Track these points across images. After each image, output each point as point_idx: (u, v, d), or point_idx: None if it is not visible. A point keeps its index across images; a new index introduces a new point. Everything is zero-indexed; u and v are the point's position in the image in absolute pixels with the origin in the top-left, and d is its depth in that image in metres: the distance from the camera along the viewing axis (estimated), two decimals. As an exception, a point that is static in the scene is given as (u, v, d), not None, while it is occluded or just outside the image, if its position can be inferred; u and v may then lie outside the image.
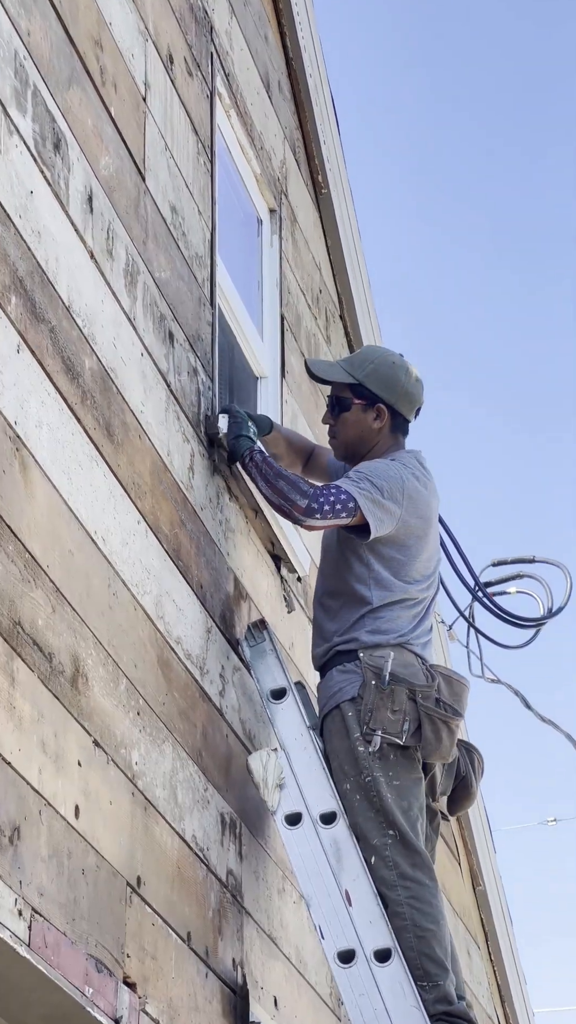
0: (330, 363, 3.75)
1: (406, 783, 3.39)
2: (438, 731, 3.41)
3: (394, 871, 3.33)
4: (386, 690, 3.38)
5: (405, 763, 3.40)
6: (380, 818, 3.35)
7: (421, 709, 3.39)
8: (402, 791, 3.38)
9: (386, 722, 3.37)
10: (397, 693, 3.38)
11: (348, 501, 3.45)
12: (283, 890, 3.77)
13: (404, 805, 3.37)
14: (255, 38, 4.32)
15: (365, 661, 3.43)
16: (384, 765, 3.37)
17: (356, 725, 3.39)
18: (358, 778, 3.38)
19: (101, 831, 2.75)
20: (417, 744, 3.40)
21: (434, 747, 3.41)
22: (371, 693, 3.38)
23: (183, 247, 3.55)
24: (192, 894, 3.16)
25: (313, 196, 4.80)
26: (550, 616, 4.60)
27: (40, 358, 2.73)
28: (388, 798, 3.35)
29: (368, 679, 3.40)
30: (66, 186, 2.91)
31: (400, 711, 3.37)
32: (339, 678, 3.46)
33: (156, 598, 3.14)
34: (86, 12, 3.09)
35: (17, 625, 2.52)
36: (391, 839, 3.34)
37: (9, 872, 2.41)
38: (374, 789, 3.36)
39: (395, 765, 3.38)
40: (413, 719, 3.39)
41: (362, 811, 3.37)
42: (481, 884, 6.04)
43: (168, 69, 3.58)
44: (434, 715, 3.40)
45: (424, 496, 3.58)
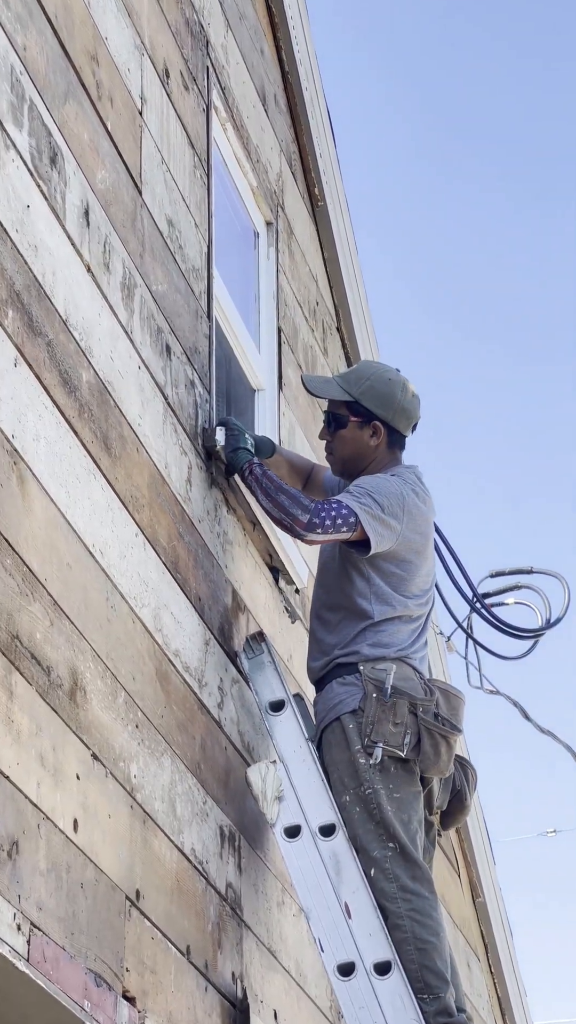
0: (326, 379, 3.76)
1: (406, 796, 3.39)
2: (437, 745, 3.41)
3: (394, 883, 3.32)
4: (388, 703, 3.38)
5: (405, 776, 3.40)
6: (380, 830, 3.35)
7: (421, 723, 3.40)
8: (402, 804, 3.38)
9: (388, 735, 3.37)
10: (399, 706, 3.38)
11: (349, 516, 3.45)
12: (282, 903, 3.76)
13: (404, 818, 3.37)
14: (251, 52, 4.34)
15: (366, 674, 3.43)
16: (385, 777, 3.37)
17: (357, 737, 3.39)
18: (358, 790, 3.37)
19: (100, 845, 2.75)
20: (416, 758, 3.40)
21: (432, 761, 3.41)
22: (372, 705, 3.38)
23: (180, 260, 3.55)
24: (191, 907, 3.16)
25: (309, 208, 4.81)
26: (548, 627, 4.60)
27: (37, 371, 2.73)
28: (388, 810, 3.35)
29: (369, 692, 3.40)
30: (63, 200, 2.91)
31: (401, 724, 3.37)
32: (339, 690, 3.46)
33: (154, 611, 3.14)
34: (82, 27, 3.10)
35: (15, 639, 2.52)
36: (391, 851, 3.34)
37: (8, 886, 2.40)
38: (374, 801, 3.36)
39: (395, 778, 3.38)
40: (413, 732, 3.39)
41: (362, 823, 3.36)
42: (481, 896, 6.03)
43: (164, 83, 3.59)
44: (433, 729, 3.40)
45: (423, 512, 3.59)
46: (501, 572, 4.83)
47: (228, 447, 3.57)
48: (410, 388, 3.68)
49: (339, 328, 5.02)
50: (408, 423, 3.67)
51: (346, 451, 3.65)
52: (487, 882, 6.05)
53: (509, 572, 4.82)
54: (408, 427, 3.68)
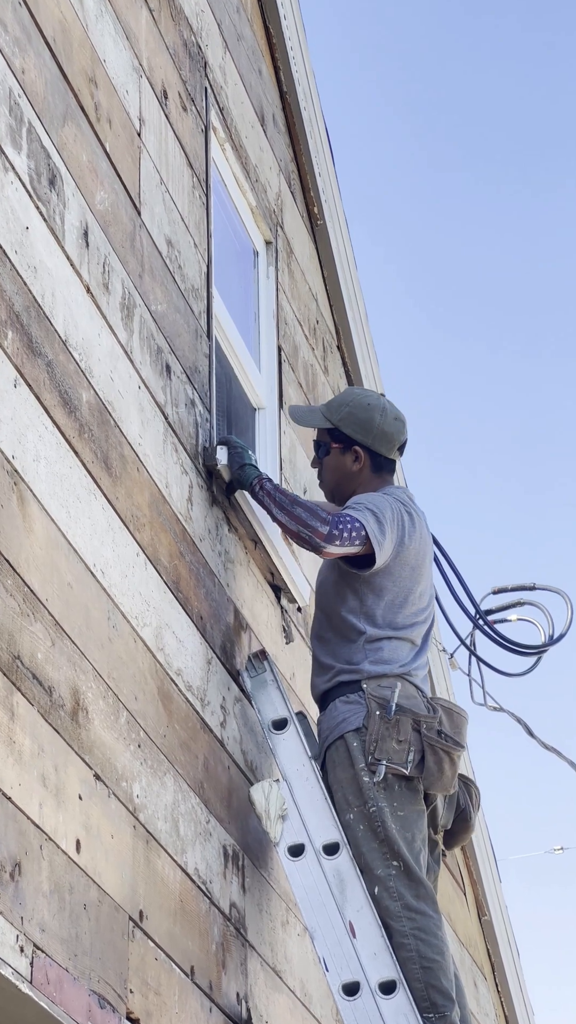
0: (310, 408, 3.81)
1: (410, 814, 3.38)
2: (440, 762, 3.41)
3: (398, 902, 3.32)
4: (391, 720, 3.38)
5: (409, 794, 3.39)
6: (384, 848, 3.34)
7: (425, 740, 3.40)
8: (406, 822, 3.37)
9: (391, 752, 3.36)
10: (402, 723, 3.38)
11: (360, 529, 3.47)
12: (287, 922, 3.75)
13: (408, 836, 3.36)
14: (249, 72, 4.36)
15: (369, 692, 3.43)
16: (389, 795, 3.36)
17: (361, 755, 3.38)
18: (362, 808, 3.37)
19: (103, 865, 2.74)
20: (420, 775, 3.39)
21: (436, 778, 3.41)
22: (376, 723, 3.38)
23: (179, 280, 3.56)
24: (195, 928, 3.15)
25: (309, 227, 4.82)
26: (551, 643, 4.59)
27: (37, 392, 2.74)
28: (392, 828, 3.34)
29: (372, 709, 3.40)
30: (62, 221, 2.92)
31: (405, 741, 3.37)
32: (343, 708, 3.46)
33: (156, 630, 3.14)
34: (80, 49, 3.12)
35: (17, 659, 2.52)
36: (395, 870, 3.33)
37: (10, 908, 2.40)
38: (378, 819, 3.35)
39: (399, 796, 3.38)
40: (417, 750, 3.39)
41: (366, 841, 3.36)
42: (487, 914, 6.01)
43: (162, 104, 3.60)
44: (437, 746, 3.40)
45: (416, 528, 3.60)
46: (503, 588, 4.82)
47: (233, 464, 3.57)
48: (391, 412, 3.70)
49: (339, 346, 5.03)
50: (390, 446, 3.69)
51: (332, 477, 3.70)
52: (493, 900, 6.02)
53: (511, 588, 4.81)
54: (391, 450, 3.70)
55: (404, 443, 3.73)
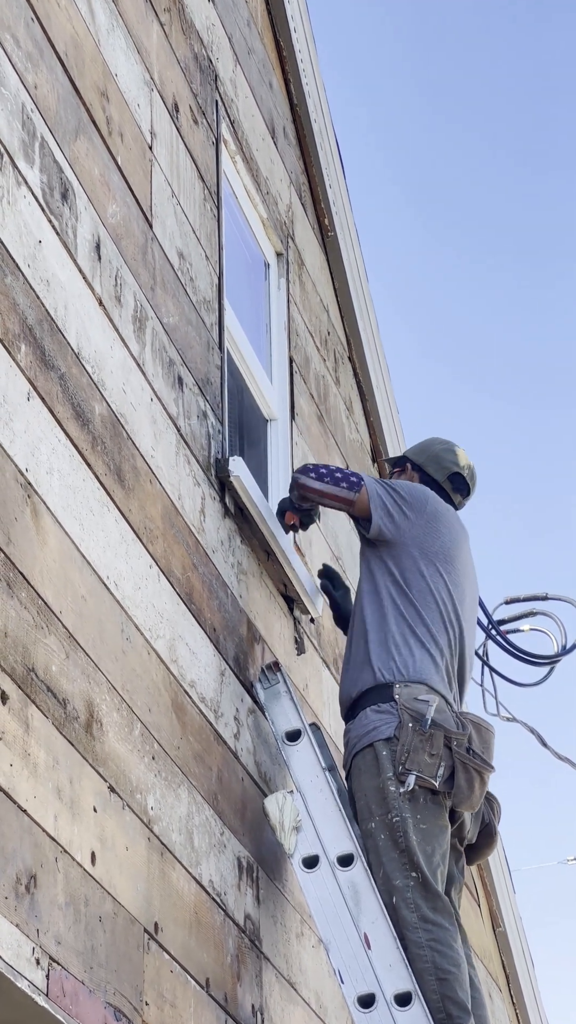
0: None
1: (433, 828, 3.38)
2: (472, 780, 3.41)
3: (415, 913, 3.31)
4: (426, 733, 3.38)
5: (434, 808, 3.39)
6: (404, 859, 3.34)
7: (456, 756, 3.40)
8: (428, 836, 3.37)
9: (423, 765, 3.36)
10: (436, 738, 3.38)
11: (352, 477, 3.60)
12: (301, 934, 3.75)
13: (428, 850, 3.36)
14: (259, 85, 4.37)
15: (403, 702, 3.42)
16: (414, 807, 3.36)
17: (389, 765, 3.38)
18: (384, 817, 3.36)
19: (118, 877, 2.74)
20: (448, 791, 3.39)
21: (465, 795, 3.41)
22: (409, 734, 3.38)
23: (191, 292, 3.57)
24: (210, 940, 3.15)
25: (320, 239, 4.83)
26: (564, 653, 4.58)
27: (50, 405, 2.75)
28: (414, 840, 3.34)
29: (405, 720, 3.40)
30: (74, 235, 2.93)
31: (437, 755, 3.37)
32: (374, 717, 3.45)
33: (169, 642, 3.14)
34: (92, 64, 3.13)
35: (31, 672, 2.53)
36: (413, 881, 3.32)
37: (26, 921, 2.40)
38: (400, 829, 3.34)
39: (424, 809, 3.37)
40: (448, 765, 3.39)
41: (386, 851, 3.35)
42: (501, 926, 5.99)
43: (174, 117, 3.61)
44: (469, 764, 3.40)
45: (449, 522, 3.66)
46: (516, 599, 4.82)
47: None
48: (449, 443, 3.88)
49: (351, 357, 5.04)
50: (439, 467, 3.82)
51: None
52: (507, 911, 6.00)
53: (524, 598, 4.80)
54: (439, 471, 3.82)
55: (461, 479, 3.82)
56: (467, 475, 3.83)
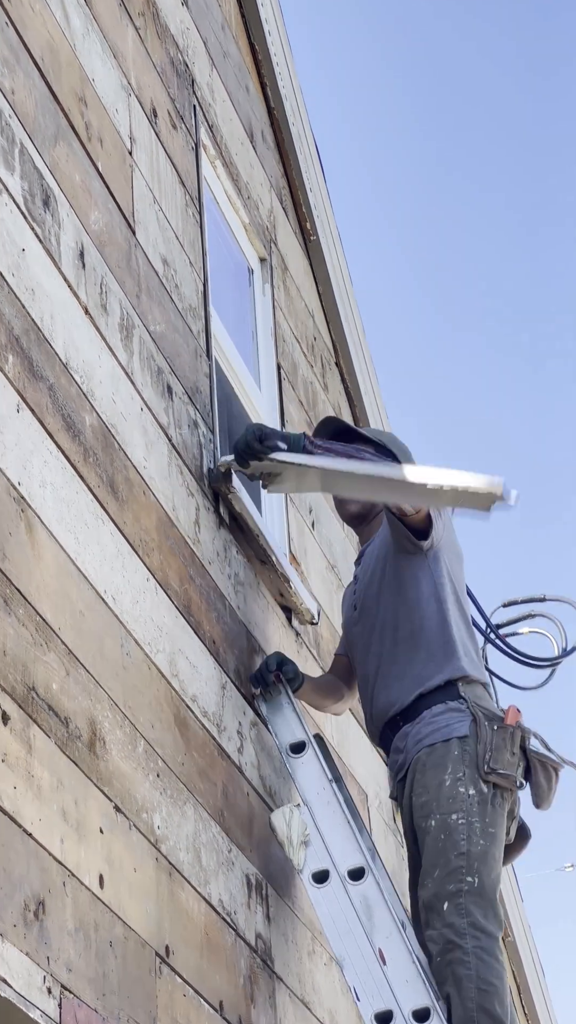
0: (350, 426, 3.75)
1: (499, 833, 3.29)
2: (550, 778, 3.35)
3: (465, 919, 3.19)
4: (506, 731, 3.29)
5: (502, 812, 3.30)
6: (462, 862, 3.22)
7: (532, 755, 3.32)
8: (495, 840, 3.27)
9: (506, 764, 3.27)
10: (515, 736, 3.30)
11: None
12: (313, 952, 3.67)
13: (495, 854, 3.26)
14: (237, 89, 4.31)
15: (472, 700, 3.33)
16: (483, 810, 3.25)
17: (462, 764, 3.27)
18: (447, 817, 3.25)
19: (127, 900, 2.66)
20: (529, 789, 3.32)
21: (545, 795, 3.35)
22: (489, 733, 3.29)
23: (176, 299, 3.51)
24: (222, 961, 3.06)
25: (302, 243, 4.77)
26: (565, 655, 4.53)
27: (40, 416, 2.67)
28: (479, 844, 3.23)
29: (481, 718, 3.31)
30: (57, 242, 2.87)
31: (517, 755, 3.29)
32: (446, 715, 3.33)
33: (169, 656, 3.07)
34: (68, 69, 3.07)
35: (32, 690, 2.45)
36: (467, 886, 3.20)
37: (36, 948, 2.32)
38: (465, 833, 3.23)
39: (493, 813, 3.27)
40: (524, 765, 3.32)
41: (443, 852, 3.23)
42: (511, 935, 5.91)
43: (152, 123, 3.55)
44: (547, 762, 3.33)
45: (451, 521, 3.59)
46: (514, 601, 4.77)
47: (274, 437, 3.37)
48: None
49: (338, 363, 4.98)
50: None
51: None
52: (516, 919, 5.93)
53: (522, 601, 4.75)
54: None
55: None
56: None
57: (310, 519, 4.38)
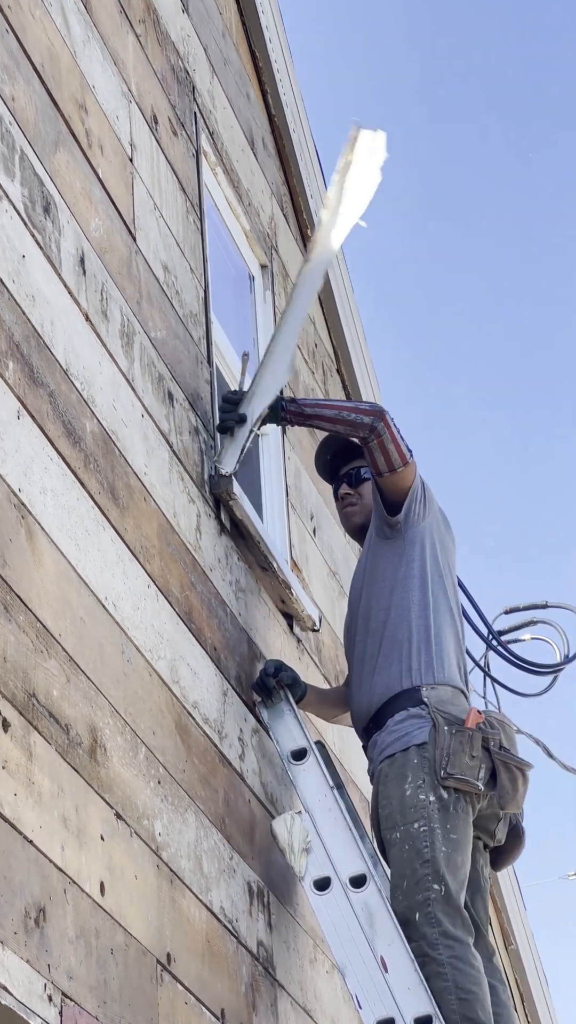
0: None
1: (462, 838, 3.26)
2: (515, 779, 3.29)
3: (436, 928, 3.20)
4: (464, 734, 3.26)
5: (464, 817, 3.27)
6: (427, 870, 3.21)
7: (495, 756, 3.28)
8: (458, 846, 3.25)
9: (465, 768, 3.24)
10: (475, 739, 3.26)
11: (408, 445, 3.45)
12: (315, 959, 3.66)
13: (458, 860, 3.24)
14: (237, 97, 4.32)
15: (433, 705, 3.31)
16: (444, 816, 3.23)
17: (421, 772, 3.25)
18: (409, 827, 3.24)
19: (128, 907, 2.65)
20: (491, 792, 3.28)
21: (511, 796, 3.29)
22: (446, 737, 3.26)
23: (177, 306, 3.51)
24: (223, 969, 3.06)
25: (303, 250, 4.77)
26: (567, 662, 4.52)
27: (41, 423, 2.67)
28: (441, 851, 3.22)
29: (440, 723, 3.28)
30: (58, 249, 2.87)
31: (477, 757, 3.25)
32: (405, 723, 3.33)
33: (171, 662, 3.06)
34: (69, 76, 3.07)
35: (32, 697, 2.44)
36: (435, 894, 3.20)
37: (36, 956, 2.31)
38: (427, 840, 3.22)
39: (455, 817, 3.25)
40: (488, 767, 3.27)
41: (409, 862, 3.23)
42: (513, 943, 5.90)
43: (153, 129, 3.55)
44: (510, 763, 3.29)
45: (444, 515, 3.56)
46: (515, 608, 4.76)
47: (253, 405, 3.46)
48: None
49: (339, 369, 4.98)
50: None
51: (370, 497, 3.65)
52: (519, 928, 5.91)
53: (524, 608, 4.74)
54: None
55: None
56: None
57: (311, 525, 4.38)
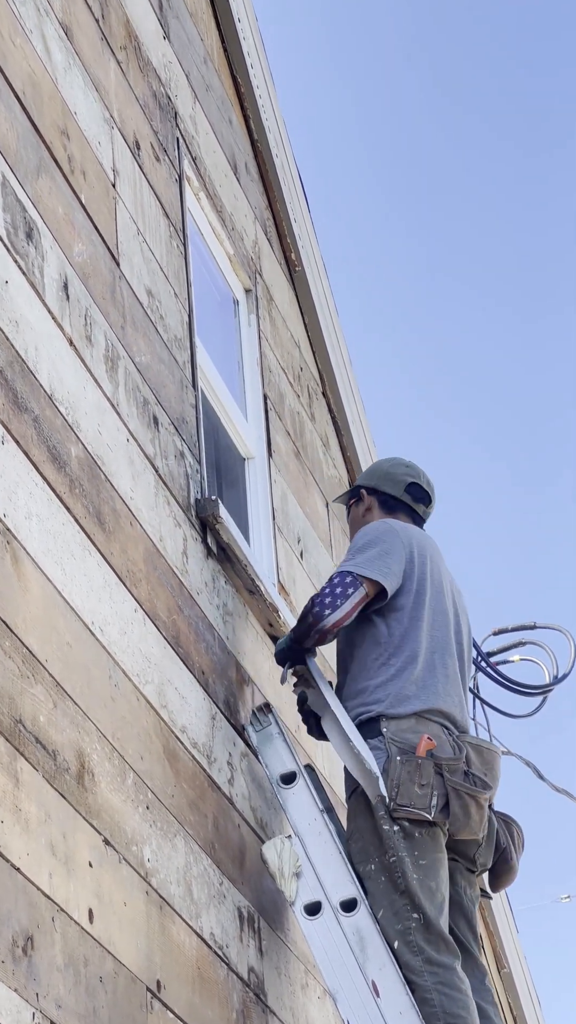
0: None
1: (432, 863, 3.26)
2: (466, 806, 3.29)
3: (419, 956, 3.19)
4: (413, 763, 3.26)
5: (430, 842, 3.27)
6: (405, 900, 3.23)
7: (448, 784, 3.27)
8: (429, 871, 3.25)
9: (414, 797, 3.24)
10: (424, 767, 3.26)
11: (346, 578, 3.41)
12: (306, 985, 3.63)
13: (431, 886, 3.25)
14: (219, 122, 4.33)
15: (390, 736, 3.32)
16: (409, 844, 3.24)
17: (381, 804, 3.27)
18: (382, 859, 3.25)
19: (117, 935, 2.63)
20: (445, 820, 3.28)
21: (463, 823, 3.29)
22: (397, 768, 3.26)
23: (161, 330, 3.51)
24: (214, 996, 3.03)
25: (287, 274, 4.78)
26: (556, 682, 4.50)
27: (25, 448, 2.67)
28: (414, 879, 3.22)
29: (393, 754, 3.29)
30: (41, 274, 2.87)
31: (427, 785, 3.25)
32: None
33: (158, 687, 3.05)
34: (50, 102, 3.08)
35: (19, 723, 2.43)
36: (415, 922, 3.21)
37: (24, 985, 2.29)
38: (399, 869, 3.23)
39: (420, 844, 3.26)
40: (440, 794, 3.27)
41: (386, 893, 3.24)
42: (506, 966, 5.87)
43: (135, 155, 3.56)
44: (461, 790, 3.28)
45: (418, 538, 3.57)
46: (504, 629, 4.74)
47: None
48: (400, 460, 3.78)
49: (325, 393, 4.98)
50: (395, 484, 3.72)
51: (351, 531, 3.77)
52: (511, 951, 5.88)
53: (512, 629, 4.73)
54: (396, 487, 3.72)
55: (419, 488, 3.73)
56: (423, 482, 3.74)
57: (298, 548, 4.37)
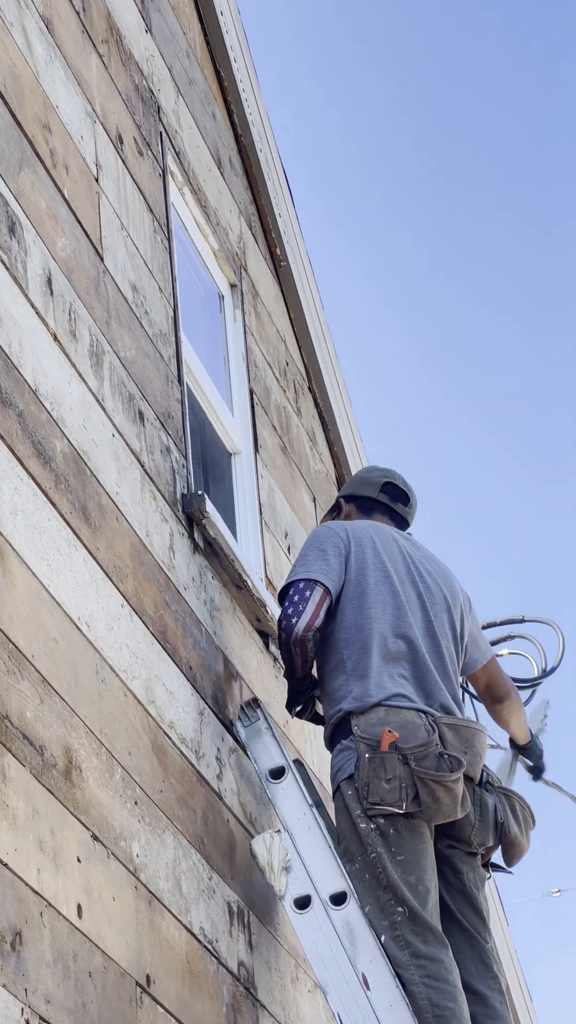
0: None
1: (411, 856, 3.25)
2: (433, 792, 3.24)
3: (406, 951, 3.19)
4: (378, 759, 3.25)
5: (408, 835, 3.26)
6: (388, 895, 3.22)
7: (415, 773, 3.26)
8: (407, 865, 3.24)
9: (383, 793, 3.23)
10: (388, 760, 3.23)
11: (298, 584, 3.44)
12: (297, 978, 3.63)
13: (412, 880, 3.24)
14: (203, 116, 4.32)
15: (359, 733, 3.31)
16: (385, 841, 3.24)
17: (356, 803, 3.27)
18: (364, 857, 3.25)
19: (106, 930, 2.63)
20: (418, 808, 3.26)
21: (433, 809, 3.26)
22: (364, 767, 3.26)
23: (147, 325, 3.50)
24: (204, 990, 3.03)
25: (272, 269, 4.78)
26: (544, 676, 4.51)
27: (10, 443, 2.66)
28: (394, 874, 3.22)
29: (362, 752, 3.28)
30: (24, 269, 2.86)
31: (395, 778, 3.23)
32: (338, 757, 3.36)
33: (146, 682, 3.05)
34: (32, 96, 3.07)
35: (5, 719, 2.42)
36: (400, 916, 3.20)
37: (13, 980, 2.28)
38: (379, 866, 3.23)
39: (396, 839, 3.25)
40: (410, 784, 3.25)
41: (372, 890, 3.24)
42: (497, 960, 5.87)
43: (118, 149, 3.55)
44: (425, 777, 3.25)
45: (367, 529, 3.56)
46: (492, 623, 4.75)
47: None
48: (377, 466, 3.83)
49: (311, 387, 4.98)
50: (370, 487, 3.75)
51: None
52: (503, 946, 5.89)
53: (501, 622, 4.73)
54: (370, 489, 3.74)
55: (395, 487, 3.73)
56: (399, 482, 3.75)
57: (286, 543, 4.37)
